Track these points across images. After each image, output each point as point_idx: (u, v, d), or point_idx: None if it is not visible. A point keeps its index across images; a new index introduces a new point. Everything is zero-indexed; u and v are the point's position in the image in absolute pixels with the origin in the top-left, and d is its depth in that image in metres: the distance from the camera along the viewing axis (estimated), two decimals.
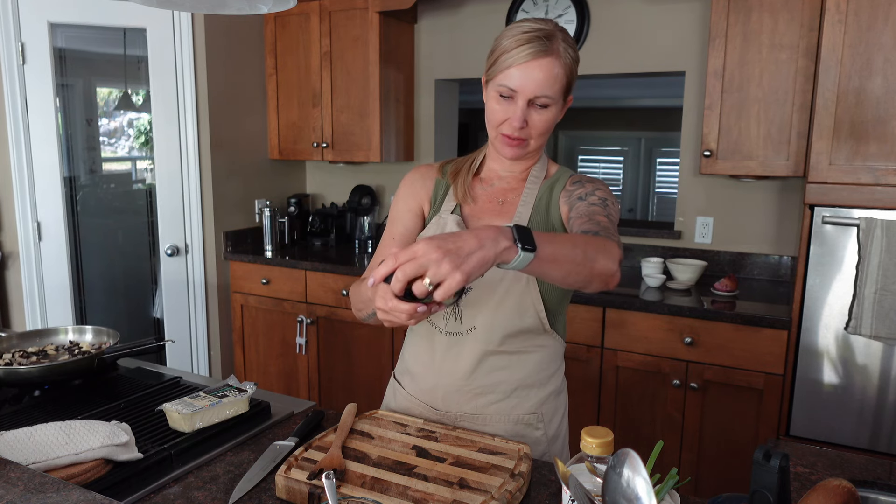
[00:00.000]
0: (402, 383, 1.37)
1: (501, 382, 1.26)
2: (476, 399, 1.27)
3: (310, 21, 3.29)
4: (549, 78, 1.15)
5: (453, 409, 1.28)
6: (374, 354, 3.06)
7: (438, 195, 1.33)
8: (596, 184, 1.26)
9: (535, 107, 1.18)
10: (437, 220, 1.29)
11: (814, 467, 1.15)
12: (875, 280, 2.07)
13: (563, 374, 1.36)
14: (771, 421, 2.30)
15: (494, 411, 1.27)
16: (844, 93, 2.10)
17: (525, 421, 1.28)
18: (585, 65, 3.02)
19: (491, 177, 1.32)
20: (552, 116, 1.20)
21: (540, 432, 1.29)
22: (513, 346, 1.25)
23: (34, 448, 1.02)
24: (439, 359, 1.28)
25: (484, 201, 1.30)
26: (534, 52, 1.14)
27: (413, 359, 1.34)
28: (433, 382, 1.29)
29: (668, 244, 2.98)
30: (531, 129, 1.19)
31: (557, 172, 1.31)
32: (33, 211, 2.97)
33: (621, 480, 0.76)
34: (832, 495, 0.77)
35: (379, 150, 3.23)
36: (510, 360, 1.26)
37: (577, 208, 1.20)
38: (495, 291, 1.22)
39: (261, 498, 1.03)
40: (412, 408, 1.33)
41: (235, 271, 3.33)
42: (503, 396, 1.27)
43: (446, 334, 1.26)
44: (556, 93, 1.17)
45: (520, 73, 1.15)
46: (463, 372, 1.26)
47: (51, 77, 2.89)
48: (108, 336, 1.62)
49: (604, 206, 1.19)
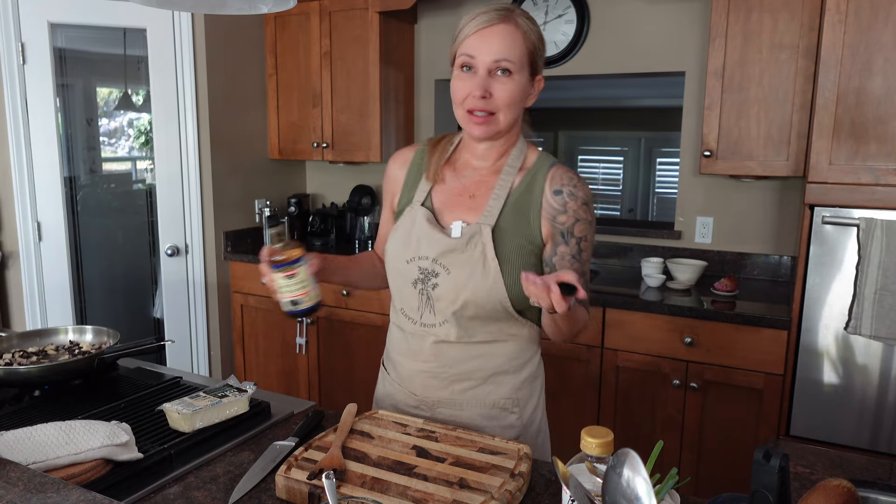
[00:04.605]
0: (387, 370, 1.41)
1: (476, 370, 1.28)
2: (452, 385, 1.29)
3: (310, 21, 3.29)
4: (506, 43, 1.17)
5: (431, 395, 1.31)
6: (374, 354, 3.06)
7: (409, 180, 1.34)
8: (576, 203, 1.23)
9: (497, 76, 1.18)
10: (409, 212, 1.30)
11: (814, 467, 1.15)
12: (875, 280, 2.07)
13: (538, 358, 1.37)
14: (771, 421, 2.30)
15: (470, 397, 1.29)
16: (844, 93, 2.10)
17: (500, 405, 1.30)
18: (585, 65, 3.02)
19: (464, 167, 1.31)
20: (516, 87, 1.19)
21: (514, 416, 1.31)
22: (486, 335, 1.26)
23: (34, 448, 1.02)
24: (416, 349, 1.30)
25: (454, 194, 1.29)
26: (489, 19, 1.18)
27: (393, 348, 1.37)
28: (410, 370, 1.32)
29: (668, 244, 2.98)
30: (496, 99, 1.19)
31: (537, 163, 1.27)
32: (33, 211, 2.97)
33: (621, 480, 0.76)
34: (832, 495, 0.77)
35: (379, 150, 3.23)
36: (484, 350, 1.27)
37: (559, 257, 1.23)
38: (463, 289, 1.22)
39: (261, 498, 1.03)
40: (395, 393, 1.36)
41: (235, 271, 3.33)
42: (479, 383, 1.29)
43: (421, 325, 1.28)
44: (516, 58, 1.17)
45: (477, 40, 1.18)
46: (438, 361, 1.28)
47: (51, 77, 2.89)
48: (108, 336, 1.62)
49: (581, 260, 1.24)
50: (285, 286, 1.20)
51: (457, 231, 1.24)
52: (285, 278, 1.20)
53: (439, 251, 1.23)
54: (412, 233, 1.27)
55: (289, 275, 1.20)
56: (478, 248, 1.21)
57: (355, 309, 3.05)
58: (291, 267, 1.20)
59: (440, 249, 1.23)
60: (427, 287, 1.24)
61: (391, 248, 1.30)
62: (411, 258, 1.26)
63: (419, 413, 1.32)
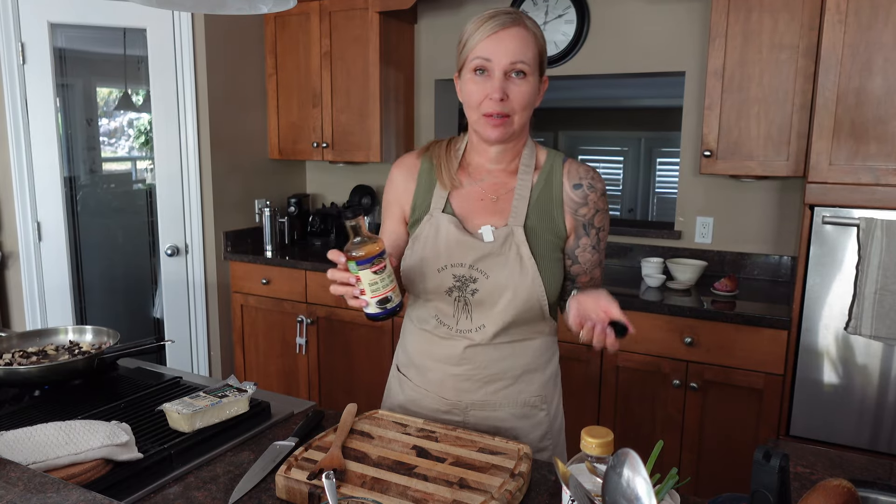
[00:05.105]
0: (407, 375, 1.38)
1: (508, 370, 1.29)
2: (485, 387, 1.30)
3: (310, 21, 3.29)
4: (521, 45, 1.18)
5: (464, 398, 1.30)
6: (374, 354, 3.06)
7: (421, 189, 1.32)
8: (596, 194, 1.28)
9: (512, 78, 1.19)
10: (430, 221, 1.28)
11: (814, 467, 1.15)
12: (875, 280, 2.07)
13: (558, 354, 1.39)
14: (771, 421, 2.30)
15: (503, 397, 1.30)
16: (844, 93, 2.10)
17: (531, 403, 1.32)
18: (585, 65, 3.02)
19: (479, 171, 1.31)
20: (531, 88, 1.21)
21: (543, 413, 1.33)
22: (518, 335, 1.28)
23: (34, 448, 1.02)
24: (448, 353, 1.29)
25: (475, 199, 1.29)
26: (501, 22, 1.18)
27: (419, 353, 1.35)
28: (442, 375, 1.31)
29: (668, 244, 2.98)
30: (512, 101, 1.19)
31: (548, 159, 1.30)
32: (33, 211, 2.97)
33: (621, 480, 0.76)
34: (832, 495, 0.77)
35: (379, 150, 3.23)
36: (515, 349, 1.29)
37: (581, 248, 1.28)
38: (505, 291, 1.23)
39: (261, 498, 1.03)
40: (421, 399, 1.34)
41: (235, 271, 3.33)
42: (511, 382, 1.30)
43: (457, 331, 1.28)
44: (530, 60, 1.19)
45: (491, 43, 1.18)
46: (472, 364, 1.28)
47: (51, 77, 2.89)
48: (108, 336, 1.62)
49: (599, 249, 1.30)
50: (374, 284, 1.08)
51: (488, 235, 1.24)
52: (374, 273, 1.07)
53: (475, 257, 1.23)
54: (439, 241, 1.26)
55: (377, 269, 1.07)
56: (513, 249, 1.23)
57: (355, 309, 3.05)
58: (380, 260, 1.08)
59: (476, 255, 1.23)
60: (465, 294, 1.25)
61: (415, 258, 1.28)
62: (443, 266, 1.25)
63: (451, 418, 1.32)
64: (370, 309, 1.11)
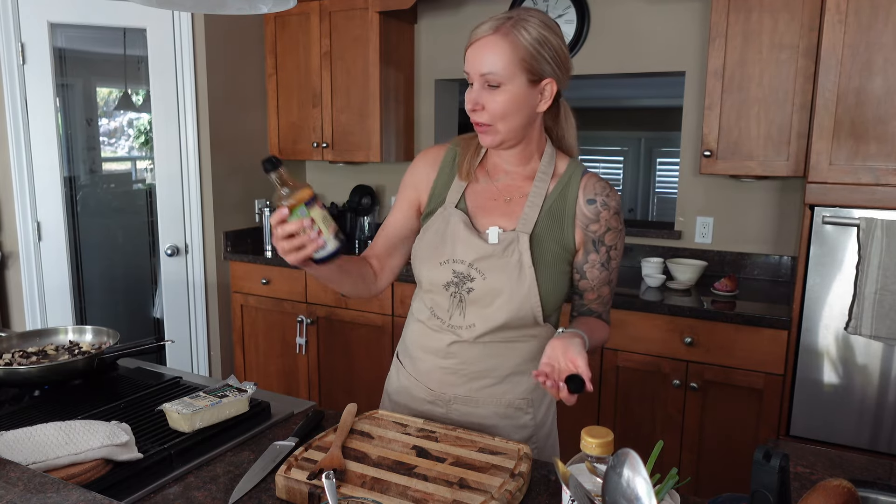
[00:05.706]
0: (403, 364, 1.41)
1: (495, 369, 1.29)
2: (470, 383, 1.30)
3: (310, 21, 3.29)
4: (492, 55, 1.16)
5: (448, 391, 1.32)
6: (374, 354, 3.06)
7: (441, 181, 1.34)
8: (608, 212, 1.26)
9: (488, 88, 1.18)
10: (442, 213, 1.30)
11: (814, 467, 1.15)
12: (875, 280, 2.07)
13: None
14: (771, 421, 2.30)
15: (487, 395, 1.30)
16: (844, 93, 2.10)
17: (515, 405, 1.31)
18: (586, 65, 3.02)
19: (496, 171, 1.32)
20: (508, 98, 1.18)
21: (528, 417, 1.32)
22: (508, 336, 1.28)
23: (34, 448, 1.02)
24: (437, 346, 1.31)
25: (489, 197, 1.30)
26: (480, 32, 1.18)
27: (413, 343, 1.37)
28: (430, 366, 1.33)
29: (668, 244, 2.98)
30: (488, 112, 1.19)
31: (567, 170, 1.29)
32: (33, 211, 2.97)
33: (621, 480, 0.76)
34: (832, 495, 0.77)
35: (379, 150, 3.23)
36: (504, 349, 1.29)
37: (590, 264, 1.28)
38: (500, 294, 1.23)
39: (261, 498, 1.03)
40: (411, 387, 1.37)
41: (235, 271, 3.33)
42: (496, 381, 1.30)
43: (448, 326, 1.29)
44: (502, 70, 1.16)
45: (470, 54, 1.20)
46: (459, 359, 1.29)
47: (51, 77, 2.89)
48: (108, 336, 1.62)
49: (610, 268, 1.30)
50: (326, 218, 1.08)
51: (494, 237, 1.25)
52: (322, 208, 1.07)
53: (476, 256, 1.24)
54: (447, 235, 1.27)
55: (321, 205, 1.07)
56: (514, 255, 1.23)
57: (355, 309, 3.05)
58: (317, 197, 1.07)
59: (477, 255, 1.24)
60: (461, 291, 1.25)
61: (422, 248, 1.31)
62: (445, 260, 1.26)
63: (434, 409, 1.33)
64: (331, 245, 1.09)
